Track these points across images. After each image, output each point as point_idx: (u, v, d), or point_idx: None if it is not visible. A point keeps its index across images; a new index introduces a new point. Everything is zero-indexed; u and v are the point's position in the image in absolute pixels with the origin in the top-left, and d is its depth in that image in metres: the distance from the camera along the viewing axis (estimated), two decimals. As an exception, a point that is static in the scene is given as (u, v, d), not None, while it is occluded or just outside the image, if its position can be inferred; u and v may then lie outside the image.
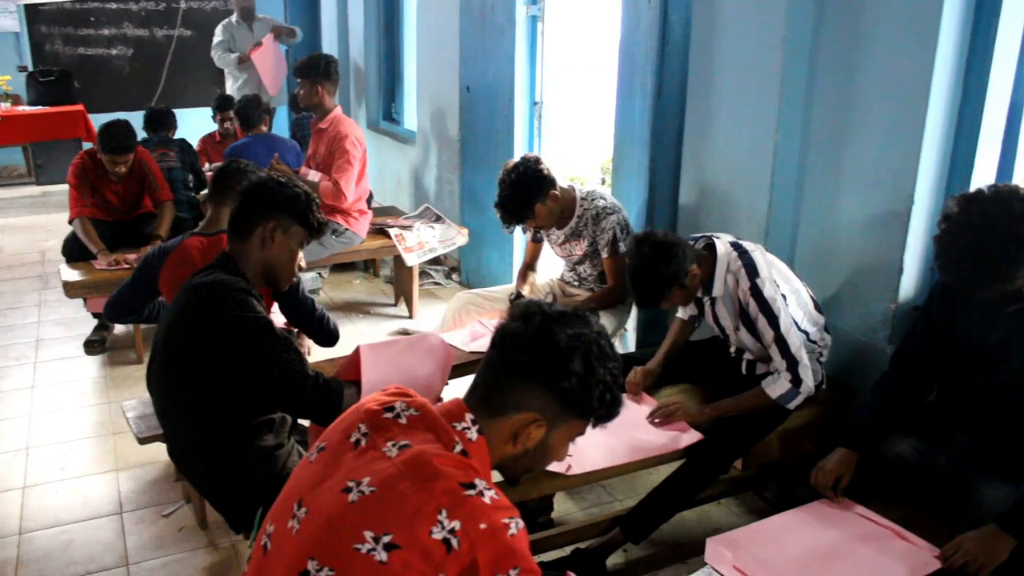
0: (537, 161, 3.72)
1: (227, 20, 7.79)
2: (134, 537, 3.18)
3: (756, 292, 2.86)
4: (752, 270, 2.89)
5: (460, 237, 5.34)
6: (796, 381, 2.84)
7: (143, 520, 3.28)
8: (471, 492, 1.42)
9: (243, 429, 2.27)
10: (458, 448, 1.50)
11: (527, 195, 3.65)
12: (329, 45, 8.55)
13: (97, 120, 8.67)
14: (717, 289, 2.97)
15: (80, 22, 9.64)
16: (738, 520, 3.30)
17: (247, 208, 2.38)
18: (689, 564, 2.27)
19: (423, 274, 5.99)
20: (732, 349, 3.17)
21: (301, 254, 2.47)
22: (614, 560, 2.93)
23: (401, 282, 5.49)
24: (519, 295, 3.91)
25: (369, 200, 5.19)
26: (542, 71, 5.30)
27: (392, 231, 5.19)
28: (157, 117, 6.10)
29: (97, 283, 4.46)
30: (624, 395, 1.63)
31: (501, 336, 1.57)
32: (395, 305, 5.63)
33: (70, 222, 4.80)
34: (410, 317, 5.41)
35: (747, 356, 3.13)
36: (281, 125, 8.41)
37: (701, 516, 3.25)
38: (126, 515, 3.31)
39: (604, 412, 1.58)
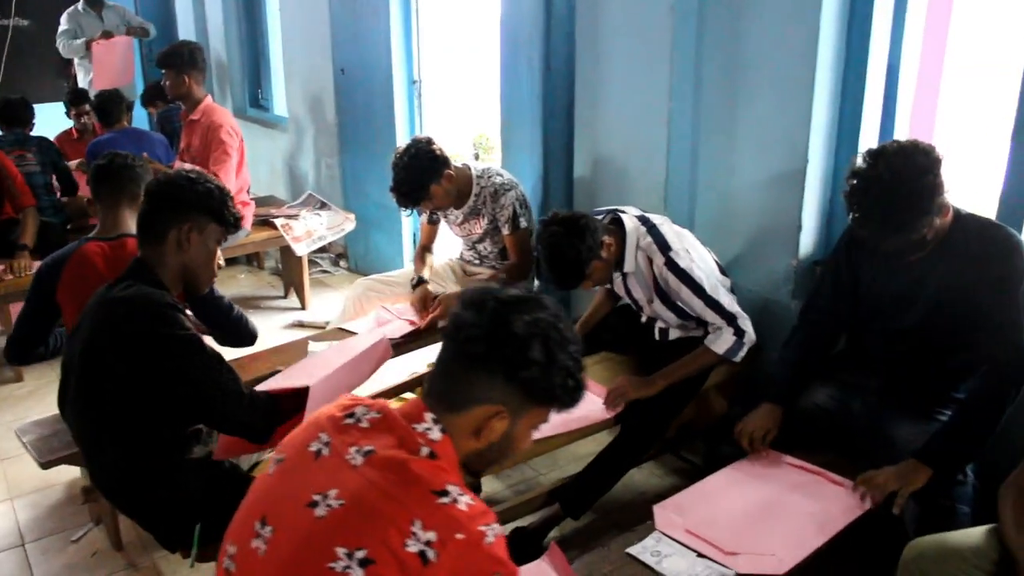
0: (429, 142, 3.65)
1: (73, 8, 7.31)
2: (41, 568, 2.98)
3: (672, 265, 2.90)
4: (663, 245, 2.92)
5: (348, 223, 5.22)
6: (739, 332, 2.92)
7: (49, 549, 3.08)
8: (445, 500, 1.36)
9: (171, 443, 2.15)
10: (424, 451, 1.44)
11: (421, 177, 3.59)
12: (186, 32, 8.18)
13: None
14: (628, 265, 2.99)
15: (-101, 12, 8.92)
16: (661, 482, 3.35)
17: (157, 210, 2.24)
18: (637, 532, 2.27)
19: (311, 263, 5.82)
20: (644, 318, 3.21)
21: (220, 252, 2.34)
22: (553, 536, 2.94)
23: (290, 273, 5.33)
24: (421, 280, 3.84)
25: (248, 191, 5.00)
26: (419, 49, 5.22)
27: (277, 221, 5.02)
28: (11, 111, 5.44)
29: (-36, 299, 4.15)
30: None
31: (455, 327, 1.49)
32: (285, 297, 5.46)
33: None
34: (302, 308, 5.27)
35: (659, 324, 3.17)
36: (138, 120, 8.00)
37: (626, 482, 3.27)
38: (29, 546, 3.10)
39: (567, 399, 1.52)
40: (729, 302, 2.95)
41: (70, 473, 3.38)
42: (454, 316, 1.50)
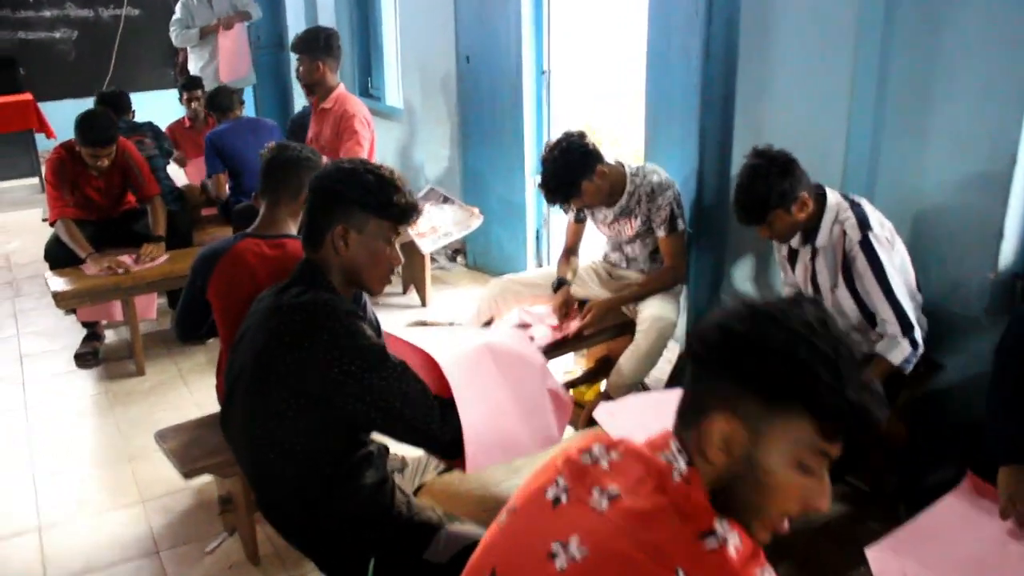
0: (582, 136, 3.42)
1: (184, -3, 7.28)
2: (179, 579, 2.85)
3: (867, 246, 2.67)
4: (864, 222, 2.71)
5: (474, 219, 5.00)
6: (915, 344, 2.67)
7: (185, 559, 2.93)
8: (712, 543, 1.11)
9: (347, 468, 1.94)
10: (676, 477, 1.18)
11: (572, 173, 3.36)
12: (295, 16, 8.08)
13: (45, 109, 8.19)
14: (821, 238, 2.78)
15: (18, 4, 9.02)
16: (839, 510, 3.05)
17: (312, 210, 2.03)
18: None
19: (427, 258, 5.66)
20: None
21: (398, 249, 2.13)
22: None
23: (411, 269, 5.14)
24: (562, 281, 3.61)
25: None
26: (549, 37, 4.98)
27: (400, 216, 4.83)
28: (113, 101, 5.33)
29: (90, 291, 4.05)
30: None
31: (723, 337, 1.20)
32: (404, 294, 5.28)
33: (51, 224, 4.35)
34: (423, 305, 5.08)
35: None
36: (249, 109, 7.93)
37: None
38: (164, 554, 2.96)
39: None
40: (911, 309, 2.69)
41: (202, 476, 3.24)
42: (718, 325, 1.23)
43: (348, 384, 1.83)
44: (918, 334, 2.69)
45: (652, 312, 3.37)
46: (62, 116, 4.69)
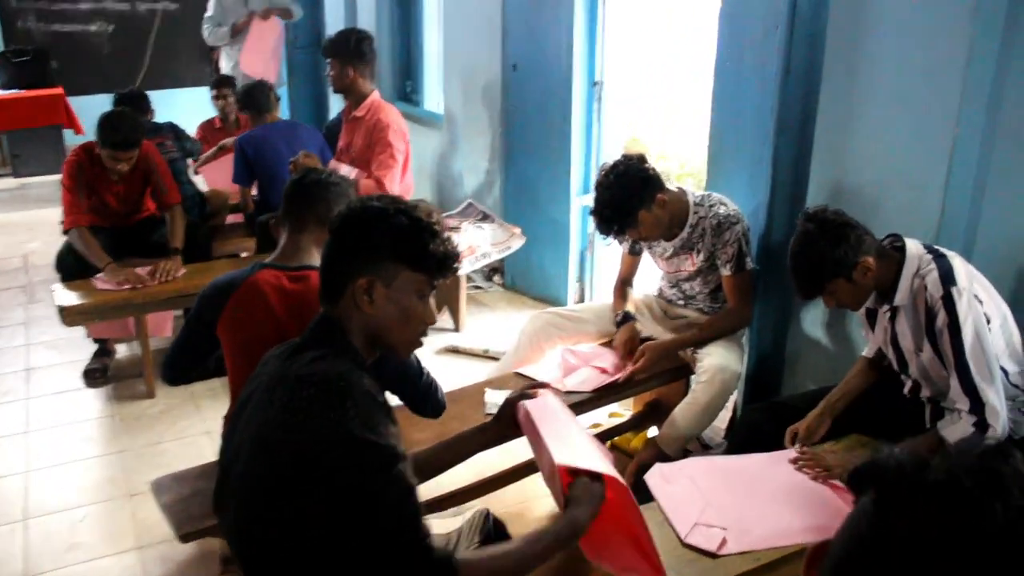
0: (642, 160, 3.06)
1: (218, -9, 7.00)
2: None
3: (949, 303, 2.30)
4: (948, 276, 2.34)
5: (515, 239, 4.66)
6: (982, 425, 2.26)
7: (180, 623, 2.62)
8: None
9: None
10: None
11: (629, 200, 3.00)
12: (334, 16, 7.78)
13: (76, 104, 7.95)
14: (900, 297, 2.42)
15: (54, -5, 8.82)
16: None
17: (332, 255, 1.70)
18: None
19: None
20: (907, 387, 2.56)
21: (432, 305, 1.79)
22: None
23: (445, 290, 4.79)
24: (628, 316, 3.26)
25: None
26: (603, 47, 4.62)
27: (436, 233, 4.49)
28: (132, 101, 4.95)
29: (100, 307, 3.74)
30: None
31: None
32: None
33: (65, 232, 4.05)
34: (456, 330, 4.73)
35: (924, 394, 2.51)
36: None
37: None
38: (157, 615, 2.65)
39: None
40: (988, 384, 2.28)
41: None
42: None
43: (344, 485, 1.49)
44: (992, 416, 2.27)
45: (715, 362, 3.01)
46: (94, 112, 4.45)
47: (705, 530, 2.09)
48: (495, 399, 2.92)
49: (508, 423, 2.00)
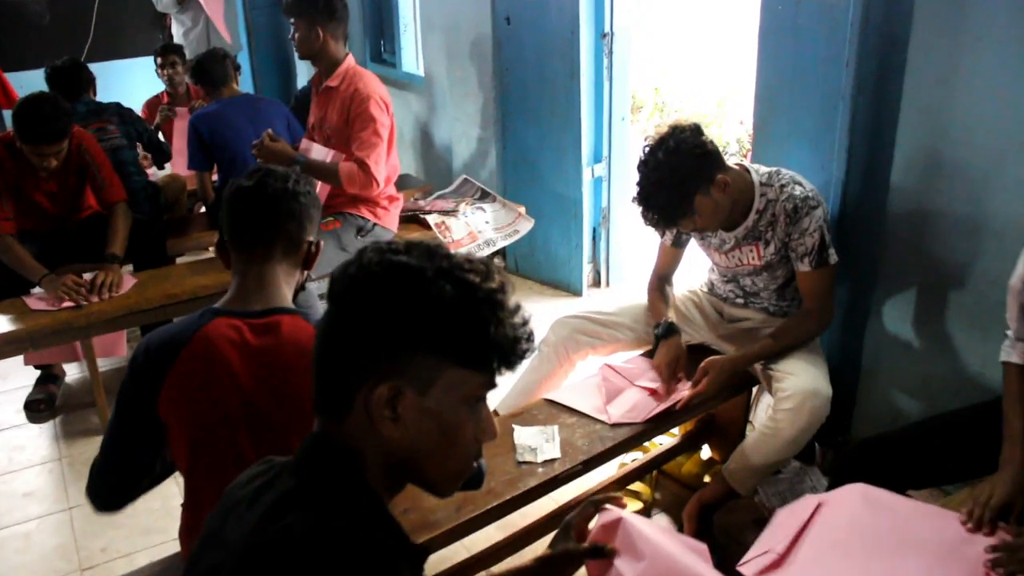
0: (697, 132, 2.45)
1: (166, -49, 6.25)
2: None
3: None
4: None
5: (522, 221, 4.03)
6: None
7: None
8: None
9: None
10: None
11: (684, 184, 2.39)
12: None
13: (15, 81, 7.16)
14: None
15: (-19, -38, 7.96)
16: None
17: (328, 356, 1.08)
18: None
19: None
20: None
21: (489, 413, 1.17)
22: None
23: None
24: (672, 328, 2.66)
25: (400, 183, 3.84)
26: (612, -8, 3.99)
27: (431, 218, 3.87)
28: (65, 77, 4.18)
29: (34, 334, 3.07)
30: None
31: None
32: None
33: (-13, 243, 3.37)
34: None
35: None
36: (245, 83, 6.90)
37: None
38: None
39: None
40: None
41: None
42: None
43: None
44: None
45: (803, 384, 2.42)
46: (36, 88, 3.83)
47: None
48: (529, 441, 2.34)
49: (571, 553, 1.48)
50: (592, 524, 1.52)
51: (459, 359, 1.05)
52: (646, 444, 2.95)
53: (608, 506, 1.51)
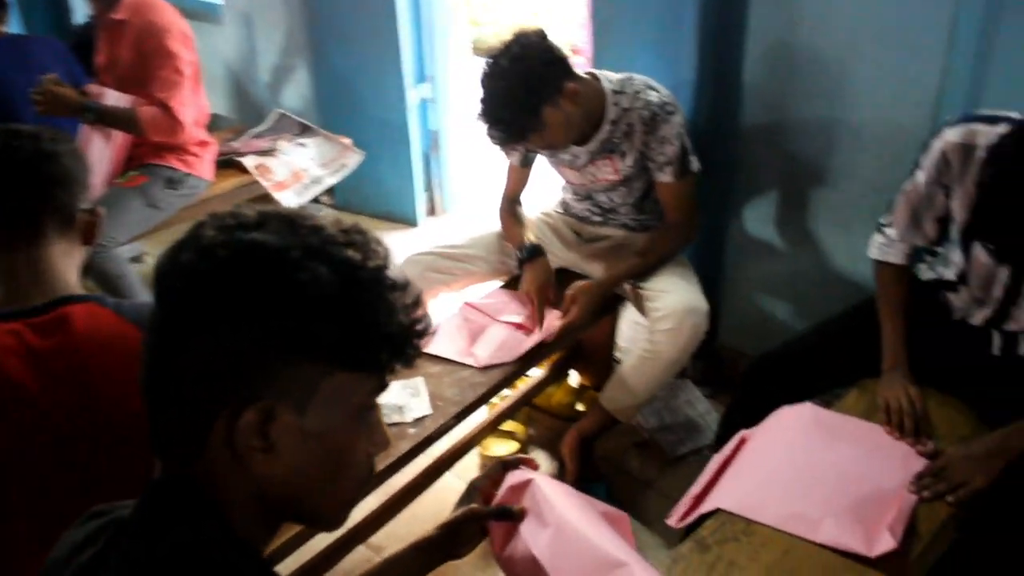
0: (543, 38, 2.24)
1: None
2: None
3: None
4: None
5: (350, 154, 3.71)
6: None
7: None
8: None
9: None
10: None
11: (532, 95, 2.19)
12: None
13: None
14: None
15: None
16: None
17: (163, 376, 0.81)
18: None
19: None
20: (980, 318, 1.93)
21: (383, 421, 0.94)
22: None
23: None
24: (536, 250, 2.48)
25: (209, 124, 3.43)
26: None
27: (247, 161, 3.50)
28: None
29: None
30: None
31: None
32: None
33: None
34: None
35: (1012, 326, 1.88)
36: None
37: None
38: None
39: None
40: None
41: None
42: None
43: None
44: None
45: (679, 301, 2.29)
46: None
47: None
48: (393, 399, 2.12)
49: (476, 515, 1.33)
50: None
51: (343, 362, 0.81)
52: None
53: (521, 468, 1.35)
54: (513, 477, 1.35)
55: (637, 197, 2.52)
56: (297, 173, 3.51)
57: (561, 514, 1.27)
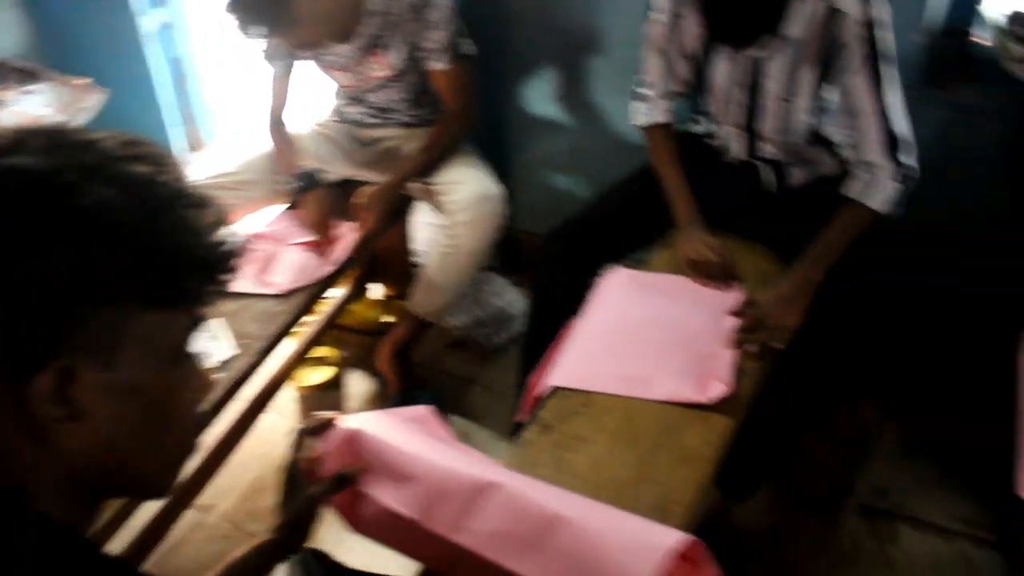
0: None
1: None
2: None
3: (872, 30, 1.74)
4: None
5: (92, 94, 3.29)
6: (907, 172, 1.82)
7: None
8: None
9: None
10: None
11: None
12: None
13: None
14: (796, 27, 1.78)
15: None
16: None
17: None
18: None
19: None
20: (738, 149, 2.01)
21: (198, 362, 0.79)
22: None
23: None
24: (311, 177, 2.33)
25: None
26: None
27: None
28: None
29: None
30: None
31: None
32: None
33: None
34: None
35: (766, 151, 1.99)
36: None
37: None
38: None
39: None
40: (903, 115, 1.83)
41: None
42: None
43: None
44: (909, 151, 1.84)
45: (471, 192, 2.23)
46: None
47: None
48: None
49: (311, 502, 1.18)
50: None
51: (148, 299, 0.68)
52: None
53: (333, 427, 1.23)
54: (332, 438, 1.22)
55: (413, 92, 2.41)
56: (35, 122, 3.13)
57: (401, 452, 1.18)
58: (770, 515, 2.12)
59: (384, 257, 2.74)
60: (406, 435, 1.22)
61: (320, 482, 1.18)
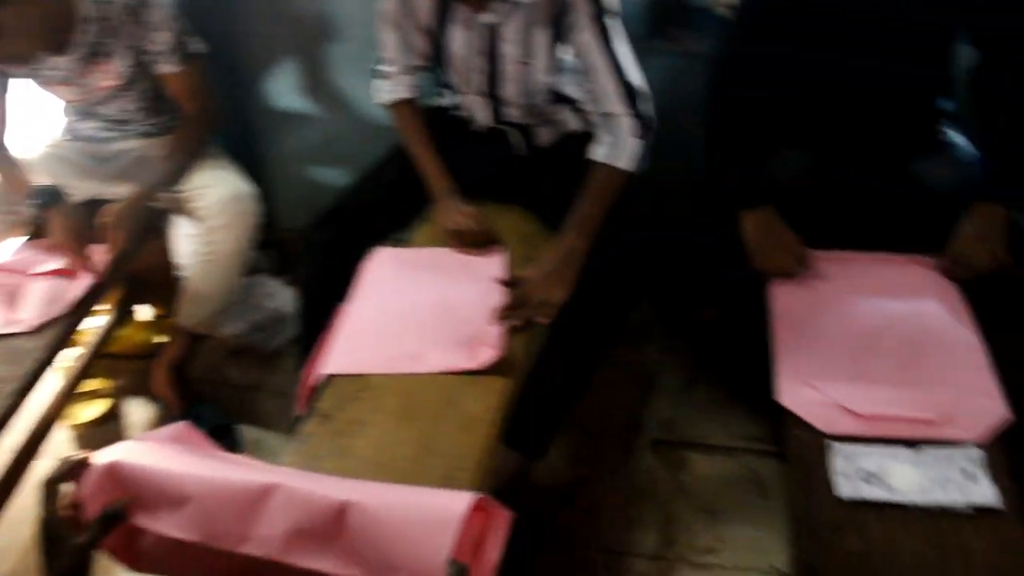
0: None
1: None
2: None
3: None
4: None
5: None
6: (646, 126, 1.90)
7: None
8: None
9: None
10: None
11: None
12: None
13: None
14: None
15: None
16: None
17: None
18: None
19: None
20: (484, 113, 2.06)
21: None
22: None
23: None
24: (53, 195, 2.16)
25: None
26: None
27: None
28: None
29: None
30: None
31: None
32: None
33: None
34: None
35: (513, 115, 2.05)
36: None
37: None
38: None
39: None
40: (635, 67, 1.92)
41: None
42: None
43: None
44: (646, 102, 1.92)
45: (221, 194, 2.17)
46: None
47: None
48: None
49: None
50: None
51: None
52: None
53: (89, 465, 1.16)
54: (89, 478, 1.14)
55: (148, 99, 2.30)
56: None
57: (169, 474, 1.13)
58: (569, 464, 2.19)
59: (146, 275, 2.59)
60: (170, 456, 1.17)
61: (85, 528, 1.09)
